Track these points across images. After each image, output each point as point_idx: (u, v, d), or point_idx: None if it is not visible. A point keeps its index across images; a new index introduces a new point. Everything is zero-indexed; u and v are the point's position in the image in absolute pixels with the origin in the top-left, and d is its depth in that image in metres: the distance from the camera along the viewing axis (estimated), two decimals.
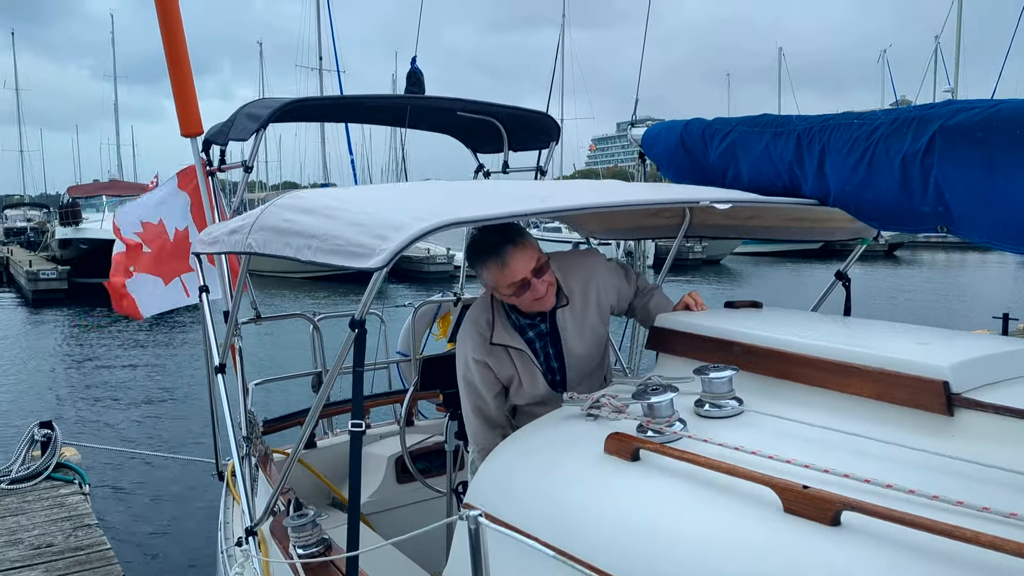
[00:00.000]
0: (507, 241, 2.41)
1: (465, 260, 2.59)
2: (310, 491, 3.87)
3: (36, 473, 5.37)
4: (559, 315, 2.64)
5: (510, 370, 2.65)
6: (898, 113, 2.55)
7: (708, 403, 2.05)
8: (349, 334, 2.01)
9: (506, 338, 2.62)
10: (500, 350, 2.63)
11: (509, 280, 2.44)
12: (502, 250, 2.40)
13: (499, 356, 2.64)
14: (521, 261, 2.42)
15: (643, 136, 3.61)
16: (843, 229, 3.13)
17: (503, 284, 2.47)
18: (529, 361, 2.64)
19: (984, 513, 1.41)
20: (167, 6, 3.44)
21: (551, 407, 2.68)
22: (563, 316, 2.65)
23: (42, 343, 18.03)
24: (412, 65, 3.85)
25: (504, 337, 2.62)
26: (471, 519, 1.59)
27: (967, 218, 2.36)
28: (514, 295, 2.49)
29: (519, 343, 2.62)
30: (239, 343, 3.34)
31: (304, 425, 2.50)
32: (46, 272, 26.61)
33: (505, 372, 2.66)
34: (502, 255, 2.41)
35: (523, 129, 4.08)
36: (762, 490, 1.59)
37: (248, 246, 2.57)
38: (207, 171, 3.66)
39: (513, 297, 2.50)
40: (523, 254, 2.42)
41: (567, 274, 2.67)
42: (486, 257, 2.45)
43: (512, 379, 2.67)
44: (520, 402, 2.73)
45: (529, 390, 2.68)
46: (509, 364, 2.65)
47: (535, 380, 2.66)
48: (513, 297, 2.50)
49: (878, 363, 1.91)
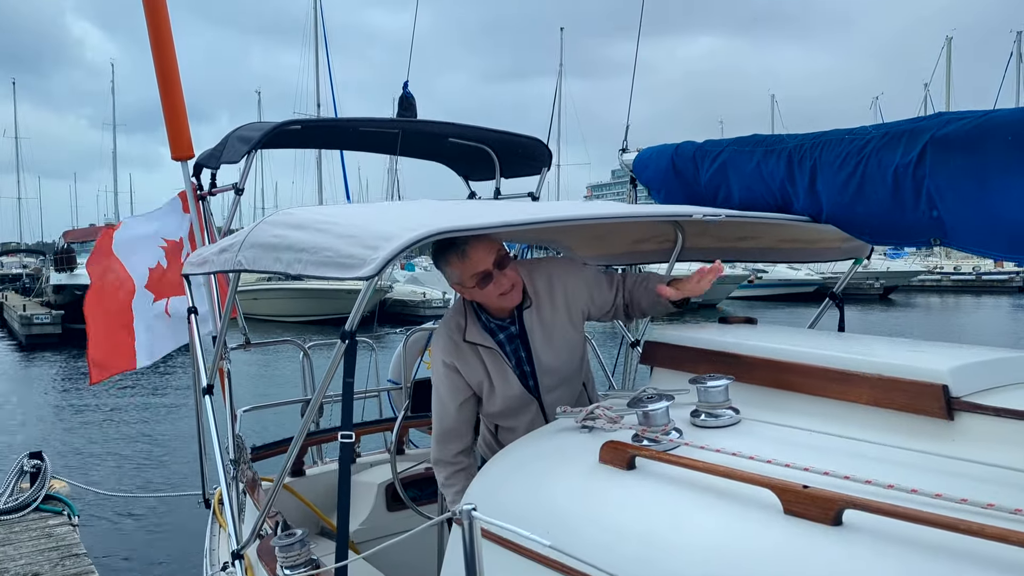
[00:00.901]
0: (464, 239, 2.41)
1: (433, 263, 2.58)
2: (299, 520, 3.78)
3: (24, 504, 5.34)
4: (526, 317, 2.62)
5: (479, 373, 2.63)
6: (889, 127, 2.56)
7: (704, 413, 2.02)
8: (339, 346, 1.98)
9: (477, 337, 2.61)
10: (470, 350, 2.61)
11: (471, 271, 2.45)
12: (461, 242, 2.41)
13: (468, 358, 2.62)
14: (481, 252, 2.43)
15: (634, 160, 3.62)
16: (836, 249, 3.12)
17: (466, 276, 2.47)
18: (501, 360, 2.62)
19: (989, 510, 1.37)
20: (160, 32, 3.47)
21: (529, 416, 2.65)
22: (530, 318, 2.62)
23: (33, 385, 17.89)
24: (404, 90, 3.88)
25: (476, 336, 2.61)
26: (464, 513, 1.54)
27: (960, 228, 2.36)
28: (478, 287, 2.48)
29: (490, 343, 2.62)
30: (228, 366, 3.30)
31: (291, 445, 2.45)
32: (40, 316, 26.55)
33: (474, 375, 2.63)
34: (461, 247, 2.42)
35: (515, 155, 4.09)
36: (761, 492, 1.55)
37: (238, 263, 2.56)
38: (198, 195, 3.66)
39: (478, 291, 2.50)
40: (482, 245, 2.42)
41: (533, 275, 2.65)
42: (448, 252, 2.46)
43: (482, 383, 2.64)
44: (495, 407, 2.68)
45: (502, 391, 2.64)
46: (479, 365, 2.63)
47: (507, 379, 2.63)
48: (478, 291, 2.50)
49: (876, 369, 1.89)
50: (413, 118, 3.87)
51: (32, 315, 26.50)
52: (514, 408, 2.67)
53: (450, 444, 2.66)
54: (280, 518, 2.83)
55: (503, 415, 2.70)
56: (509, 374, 2.63)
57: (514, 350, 2.65)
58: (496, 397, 2.65)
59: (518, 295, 2.56)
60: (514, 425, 2.70)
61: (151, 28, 3.46)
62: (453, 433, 2.67)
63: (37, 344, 25.00)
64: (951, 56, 56.62)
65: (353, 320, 2.01)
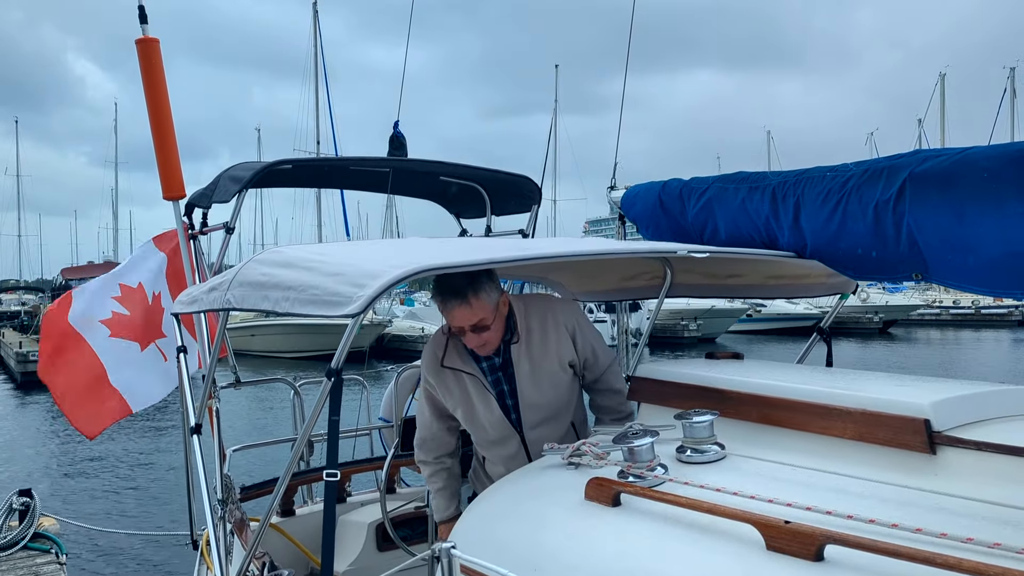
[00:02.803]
0: (457, 294, 2.51)
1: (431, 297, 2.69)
2: (289, 561, 3.74)
3: (12, 543, 5.31)
4: (513, 351, 2.66)
5: (456, 398, 2.69)
6: (869, 164, 2.60)
7: (690, 449, 2.03)
8: (325, 383, 1.99)
9: (458, 362, 2.69)
10: (450, 374, 2.69)
11: (449, 323, 2.62)
12: (448, 301, 2.53)
13: (448, 382, 2.70)
14: (460, 317, 2.54)
15: (622, 198, 3.66)
16: (822, 285, 3.14)
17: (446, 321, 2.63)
18: (481, 387, 2.66)
19: (968, 544, 1.37)
20: (152, 72, 3.53)
21: (510, 451, 2.68)
22: (518, 352, 2.66)
23: (26, 422, 17.77)
24: (395, 129, 3.93)
25: (456, 361, 2.69)
26: (443, 552, 1.54)
27: (940, 263, 2.38)
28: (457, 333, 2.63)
29: (472, 368, 2.68)
30: (217, 405, 3.29)
31: (278, 482, 2.44)
32: (35, 353, 26.35)
33: (451, 399, 2.71)
34: (448, 303, 2.54)
35: (505, 193, 4.13)
36: (744, 528, 1.55)
37: (227, 302, 2.57)
38: (189, 234, 3.69)
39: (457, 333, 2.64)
40: (464, 312, 2.52)
41: (529, 310, 2.70)
42: (439, 296, 2.57)
43: (458, 408, 2.70)
44: (478, 434, 2.72)
45: (485, 416, 2.67)
46: (457, 390, 2.68)
47: (489, 406, 2.66)
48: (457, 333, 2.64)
49: (859, 404, 1.90)
50: (404, 157, 3.92)
51: (28, 352, 26.33)
52: (495, 439, 2.69)
53: (430, 450, 2.86)
54: (267, 559, 2.80)
55: (486, 445, 2.74)
56: (492, 402, 2.67)
57: (495, 381, 2.68)
58: (479, 422, 2.70)
59: (490, 349, 2.63)
60: (495, 457, 2.73)
61: (144, 70, 3.52)
62: (432, 441, 2.85)
63: (32, 382, 24.84)
64: (944, 92, 57.37)
65: (339, 358, 2.02)
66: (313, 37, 38.42)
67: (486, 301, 2.52)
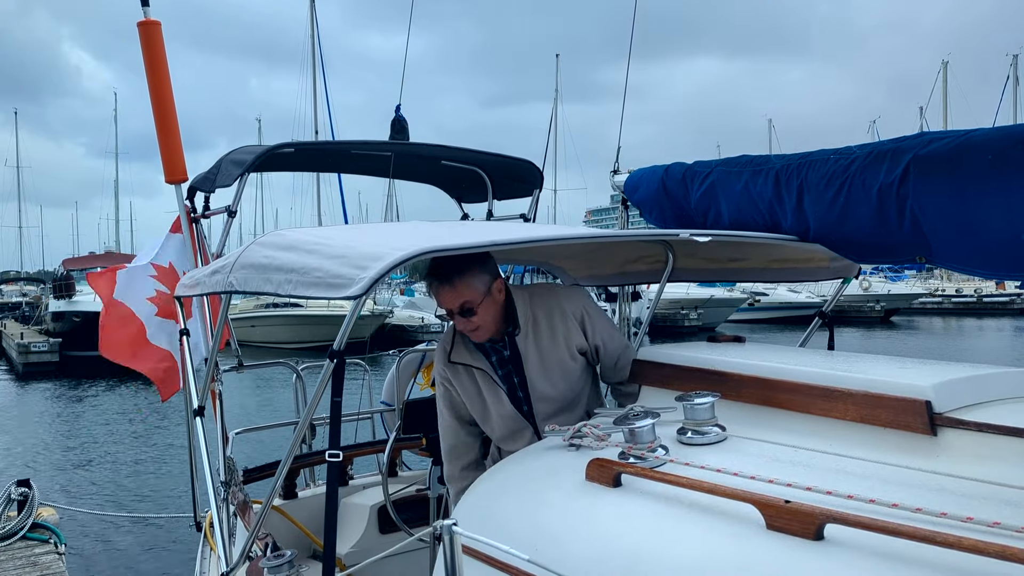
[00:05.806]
0: (441, 275, 2.51)
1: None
2: (291, 543, 3.76)
3: (11, 533, 5.31)
4: (520, 342, 2.63)
5: (470, 391, 2.67)
6: (873, 147, 2.59)
7: (691, 430, 2.03)
8: (327, 365, 1.99)
9: (466, 357, 2.66)
10: (462, 369, 2.67)
11: (438, 303, 2.63)
12: (433, 282, 2.56)
13: (461, 377, 2.68)
14: (445, 298, 2.56)
15: (625, 182, 3.65)
16: (825, 269, 3.13)
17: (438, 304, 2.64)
18: (491, 382, 2.64)
19: (967, 523, 1.38)
20: (154, 55, 3.52)
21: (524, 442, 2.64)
22: (524, 343, 2.63)
23: (27, 413, 17.81)
24: (396, 113, 3.92)
25: (464, 356, 2.67)
26: (445, 529, 1.54)
27: (943, 246, 2.38)
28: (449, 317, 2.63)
29: (481, 363, 2.65)
30: (220, 388, 3.30)
31: (281, 464, 2.45)
32: (37, 344, 26.44)
33: (466, 393, 2.68)
34: (432, 284, 2.57)
35: (506, 177, 4.13)
36: (744, 508, 1.56)
37: (229, 284, 2.58)
38: (191, 218, 3.69)
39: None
40: (448, 293, 2.54)
41: (534, 302, 2.67)
42: (427, 279, 2.60)
43: (474, 403, 2.67)
44: (493, 429, 2.69)
45: (497, 410, 2.64)
46: (470, 384, 2.66)
47: (501, 400, 2.64)
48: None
49: (861, 386, 1.90)
50: (405, 141, 3.90)
51: (29, 343, 26.41)
52: (510, 432, 2.67)
53: (456, 460, 2.76)
54: (270, 539, 2.82)
55: (502, 439, 2.71)
56: (502, 396, 2.64)
57: (507, 375, 2.66)
58: (491, 417, 2.67)
59: (483, 335, 2.61)
60: (512, 450, 2.68)
61: (146, 53, 3.51)
62: (457, 450, 2.76)
63: (33, 373, 24.87)
64: (947, 80, 57.17)
65: (341, 339, 2.02)
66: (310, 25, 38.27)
67: (472, 283, 2.51)
